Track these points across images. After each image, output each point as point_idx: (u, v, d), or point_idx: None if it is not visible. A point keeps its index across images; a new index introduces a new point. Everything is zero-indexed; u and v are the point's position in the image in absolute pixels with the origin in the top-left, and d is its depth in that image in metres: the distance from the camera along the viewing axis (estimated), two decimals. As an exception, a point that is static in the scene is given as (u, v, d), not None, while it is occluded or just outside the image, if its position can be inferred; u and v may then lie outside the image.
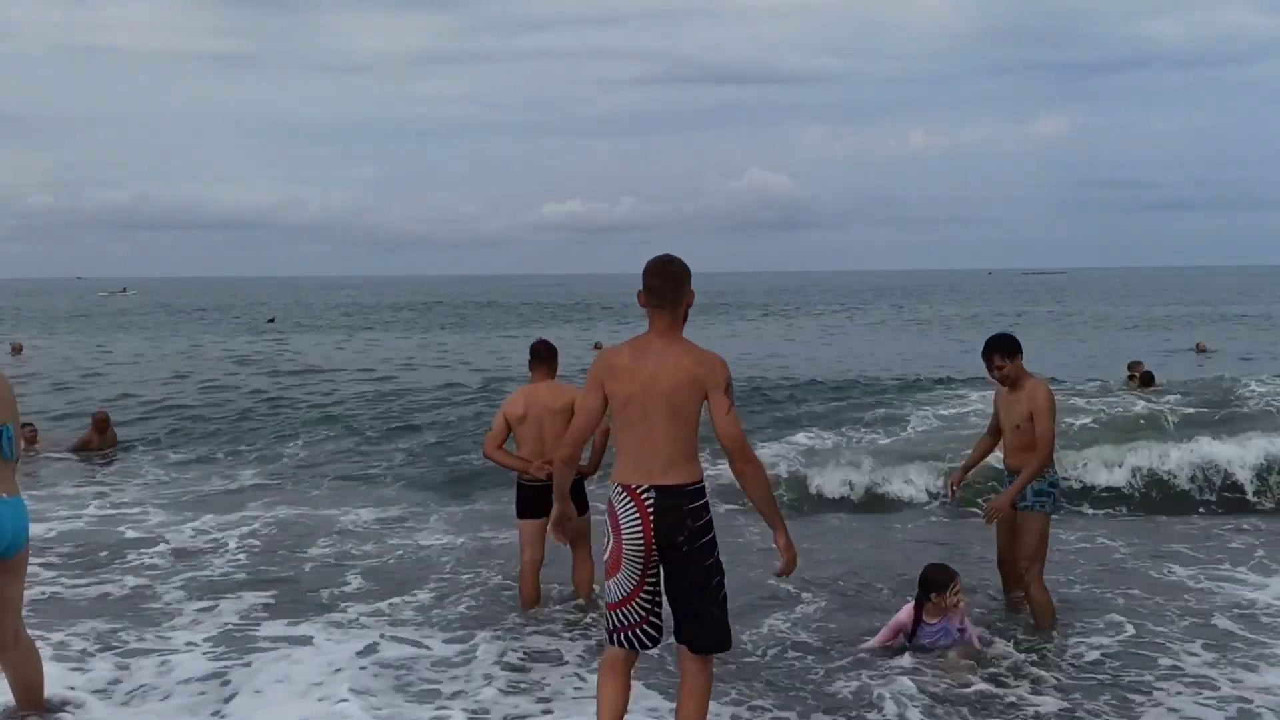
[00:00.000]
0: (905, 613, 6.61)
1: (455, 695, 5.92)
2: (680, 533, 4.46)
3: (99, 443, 14.53)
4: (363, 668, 6.25)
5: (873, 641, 6.66)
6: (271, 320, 52.86)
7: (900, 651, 6.47)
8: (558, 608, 7.44)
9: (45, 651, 5.89)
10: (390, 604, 7.65)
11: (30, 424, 14.26)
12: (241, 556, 9.09)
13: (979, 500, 9.58)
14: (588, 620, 7.13)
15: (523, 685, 6.07)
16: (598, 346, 22.18)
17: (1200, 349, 30.75)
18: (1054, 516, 7.08)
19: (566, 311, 62.26)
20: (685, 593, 4.55)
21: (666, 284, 4.56)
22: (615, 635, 4.65)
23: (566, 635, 6.92)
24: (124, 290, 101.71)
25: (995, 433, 7.28)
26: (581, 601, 7.43)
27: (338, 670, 6.19)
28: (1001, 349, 7.00)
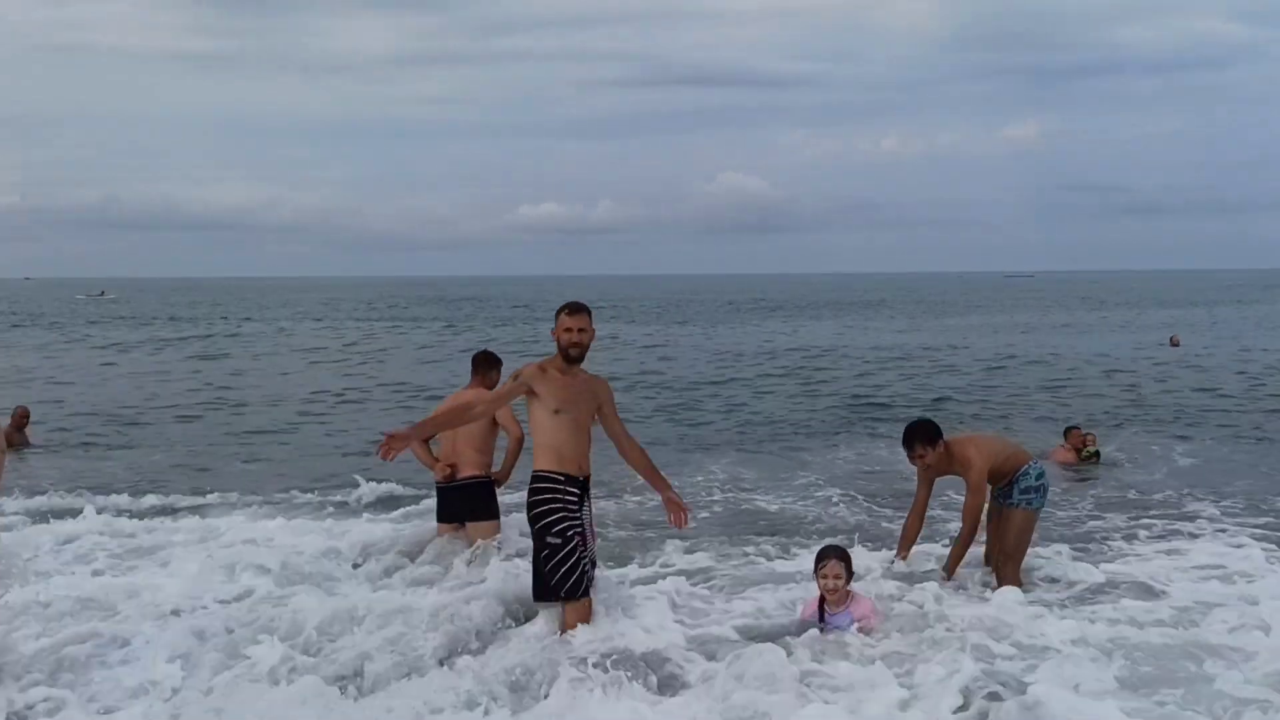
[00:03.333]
0: (812, 604, 6.21)
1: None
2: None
3: (16, 440, 13.24)
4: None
5: (802, 612, 6.30)
6: (102, 293, 57.34)
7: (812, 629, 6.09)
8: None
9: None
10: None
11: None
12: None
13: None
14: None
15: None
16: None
17: (1174, 343, 30.88)
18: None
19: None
20: None
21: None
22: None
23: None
24: (102, 293, 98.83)
25: (922, 512, 6.98)
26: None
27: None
28: (921, 438, 6.73)
